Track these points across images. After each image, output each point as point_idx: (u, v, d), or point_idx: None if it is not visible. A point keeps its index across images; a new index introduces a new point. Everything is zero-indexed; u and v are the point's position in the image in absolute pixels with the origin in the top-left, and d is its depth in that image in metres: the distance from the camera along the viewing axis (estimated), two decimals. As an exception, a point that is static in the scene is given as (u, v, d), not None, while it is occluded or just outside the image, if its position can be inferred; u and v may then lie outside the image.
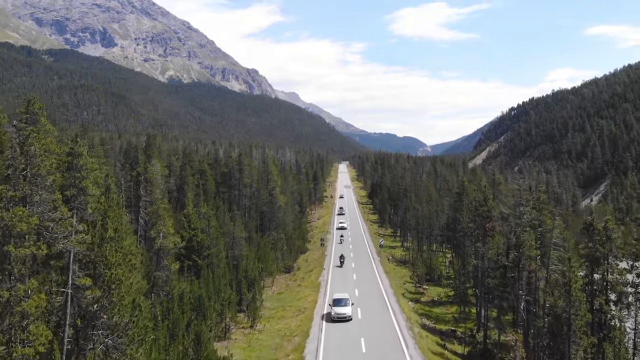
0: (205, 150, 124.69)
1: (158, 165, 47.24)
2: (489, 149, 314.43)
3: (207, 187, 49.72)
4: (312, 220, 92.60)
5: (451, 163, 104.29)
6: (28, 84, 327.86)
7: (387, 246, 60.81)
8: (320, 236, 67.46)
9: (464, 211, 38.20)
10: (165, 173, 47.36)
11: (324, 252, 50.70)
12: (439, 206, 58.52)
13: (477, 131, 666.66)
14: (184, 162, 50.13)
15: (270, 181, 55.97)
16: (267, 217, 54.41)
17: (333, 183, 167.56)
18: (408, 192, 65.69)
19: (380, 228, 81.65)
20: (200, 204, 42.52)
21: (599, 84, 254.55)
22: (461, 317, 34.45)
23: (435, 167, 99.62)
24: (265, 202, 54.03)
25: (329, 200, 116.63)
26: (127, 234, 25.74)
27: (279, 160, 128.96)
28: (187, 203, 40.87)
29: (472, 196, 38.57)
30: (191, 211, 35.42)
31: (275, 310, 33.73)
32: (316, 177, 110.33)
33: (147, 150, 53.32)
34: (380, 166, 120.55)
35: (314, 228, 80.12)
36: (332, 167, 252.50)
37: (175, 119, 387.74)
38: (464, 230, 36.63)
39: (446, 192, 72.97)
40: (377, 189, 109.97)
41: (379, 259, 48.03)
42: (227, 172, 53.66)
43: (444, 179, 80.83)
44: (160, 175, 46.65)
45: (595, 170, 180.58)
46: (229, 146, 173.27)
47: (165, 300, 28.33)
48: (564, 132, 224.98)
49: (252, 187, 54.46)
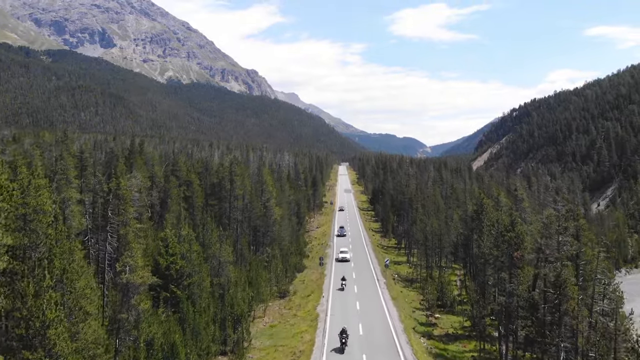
0: (201, 154, 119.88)
1: (139, 177, 42.42)
2: (490, 150, 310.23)
3: (194, 201, 44.86)
4: (310, 229, 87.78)
5: (457, 168, 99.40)
6: (25, 85, 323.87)
7: (391, 261, 55.98)
8: (319, 249, 62.70)
9: (484, 234, 33.42)
10: (147, 185, 42.56)
11: (323, 272, 45.90)
12: (448, 219, 53.72)
13: (477, 132, 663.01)
14: (166, 173, 45.07)
15: (265, 192, 51.17)
16: (261, 232, 49.62)
17: (333, 187, 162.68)
18: (414, 202, 60.83)
19: (383, 238, 76.83)
20: (182, 222, 37.71)
21: (602, 85, 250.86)
22: (482, 358, 29.65)
23: (441, 174, 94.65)
24: (259, 215, 49.24)
25: (328, 207, 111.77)
26: (82, 272, 20.95)
27: (277, 164, 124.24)
28: (166, 223, 36.01)
29: (492, 216, 33.79)
30: (169, 234, 30.60)
31: (266, 351, 28.87)
32: (315, 183, 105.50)
33: (129, 158, 48.56)
34: (382, 171, 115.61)
35: (312, 239, 75.28)
36: (331, 169, 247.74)
37: (173, 120, 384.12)
38: (485, 257, 31.86)
39: (454, 202, 68.16)
40: (379, 195, 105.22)
41: (384, 280, 43.18)
42: (217, 182, 48.78)
43: (450, 186, 75.99)
44: (138, 189, 41.81)
45: (602, 173, 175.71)
46: (227, 149, 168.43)
47: (132, 348, 23.56)
48: (567, 133, 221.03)
49: (245, 198, 49.65)
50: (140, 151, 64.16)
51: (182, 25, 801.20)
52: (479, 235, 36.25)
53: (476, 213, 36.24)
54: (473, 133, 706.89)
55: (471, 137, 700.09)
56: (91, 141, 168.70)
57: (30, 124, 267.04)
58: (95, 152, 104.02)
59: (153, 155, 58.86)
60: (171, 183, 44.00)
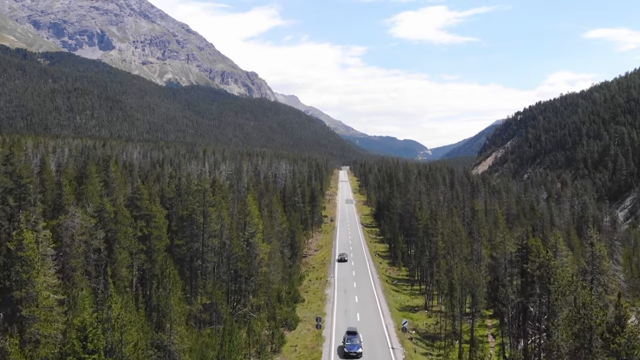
0: (190, 167, 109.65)
1: (79, 216, 32.25)
2: (495, 154, 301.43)
3: (151, 243, 34.49)
4: (308, 252, 77.51)
5: (473, 183, 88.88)
6: (21, 88, 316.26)
7: (407, 308, 45.72)
8: (317, 286, 52.60)
9: (550, 307, 23.28)
10: (89, 225, 32.42)
11: (321, 334, 35.74)
12: (475, 256, 43.53)
13: (479, 134, 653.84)
14: (108, 216, 34.18)
15: (249, 225, 41.06)
16: (244, 277, 39.45)
17: (333, 197, 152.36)
18: (430, 230, 50.55)
19: (391, 267, 66.49)
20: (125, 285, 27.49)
21: (610, 87, 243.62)
22: None
23: (453, 186, 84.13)
24: (241, 255, 39.09)
25: (328, 224, 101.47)
26: None
27: (272, 174, 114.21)
28: (109, 282, 25.82)
29: (564, 285, 23.65)
30: (88, 322, 20.39)
31: None
32: (314, 198, 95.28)
33: (82, 181, 38.40)
34: (387, 184, 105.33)
35: (309, 268, 65.05)
36: (332, 174, 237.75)
37: (171, 123, 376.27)
38: (556, 346, 21.64)
39: (475, 225, 57.91)
40: (384, 211, 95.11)
41: (401, 350, 32.89)
42: (187, 215, 38.49)
43: (470, 208, 65.64)
44: (81, 231, 31.64)
45: (619, 182, 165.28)
46: (222, 157, 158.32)
47: None
48: (577, 138, 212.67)
49: (223, 235, 39.56)
50: (105, 169, 54.03)
51: (182, 28, 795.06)
52: (537, 305, 26.04)
53: (532, 277, 26.09)
54: (474, 135, 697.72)
55: (472, 139, 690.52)
56: (80, 147, 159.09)
57: (24, 128, 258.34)
58: (70, 162, 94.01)
59: (116, 176, 48.65)
60: (123, 220, 33.71)
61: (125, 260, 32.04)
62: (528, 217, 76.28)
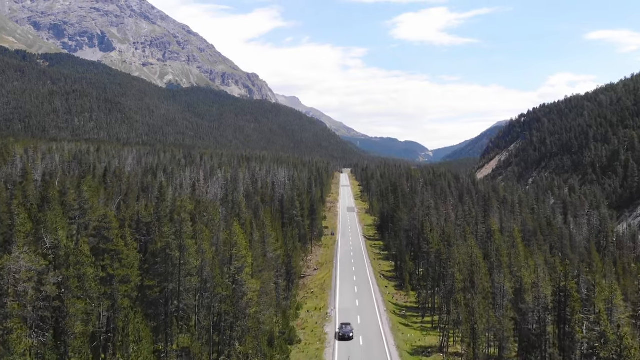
0: (183, 175, 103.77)
1: (24, 258, 26.33)
2: (498, 158, 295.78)
3: (115, 286, 28.32)
4: (307, 273, 71.40)
5: (485, 196, 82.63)
6: (19, 90, 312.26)
7: (420, 351, 39.71)
8: (316, 318, 46.69)
9: None
10: (39, 267, 26.53)
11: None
12: (497, 295, 37.50)
13: (480, 135, 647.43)
14: (63, 255, 28.31)
15: (236, 258, 35.20)
16: (228, 321, 33.53)
17: (334, 204, 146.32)
18: (445, 264, 44.52)
19: (398, 292, 60.34)
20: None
21: (616, 90, 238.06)
22: None
23: (468, 206, 77.76)
24: (226, 296, 33.19)
25: (329, 238, 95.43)
26: None
27: (270, 182, 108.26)
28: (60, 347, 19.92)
29: None
30: None
31: None
32: (314, 211, 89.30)
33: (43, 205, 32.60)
34: (392, 194, 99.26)
35: (308, 292, 59.05)
36: (332, 178, 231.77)
37: (171, 125, 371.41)
38: None
39: (493, 249, 51.93)
40: (389, 224, 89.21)
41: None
42: (159, 250, 32.47)
43: (486, 230, 59.57)
44: (27, 276, 25.75)
45: (630, 189, 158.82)
46: (218, 164, 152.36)
47: None
48: (584, 142, 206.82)
49: (204, 271, 33.67)
50: (78, 185, 48.12)
51: (183, 29, 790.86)
52: None
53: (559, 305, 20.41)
54: (476, 137, 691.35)
55: (474, 140, 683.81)
56: (74, 151, 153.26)
57: (21, 130, 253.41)
58: (58, 170, 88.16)
59: (90, 196, 42.63)
60: (82, 258, 27.65)
61: (79, 313, 26.09)
62: (545, 233, 70.31)
